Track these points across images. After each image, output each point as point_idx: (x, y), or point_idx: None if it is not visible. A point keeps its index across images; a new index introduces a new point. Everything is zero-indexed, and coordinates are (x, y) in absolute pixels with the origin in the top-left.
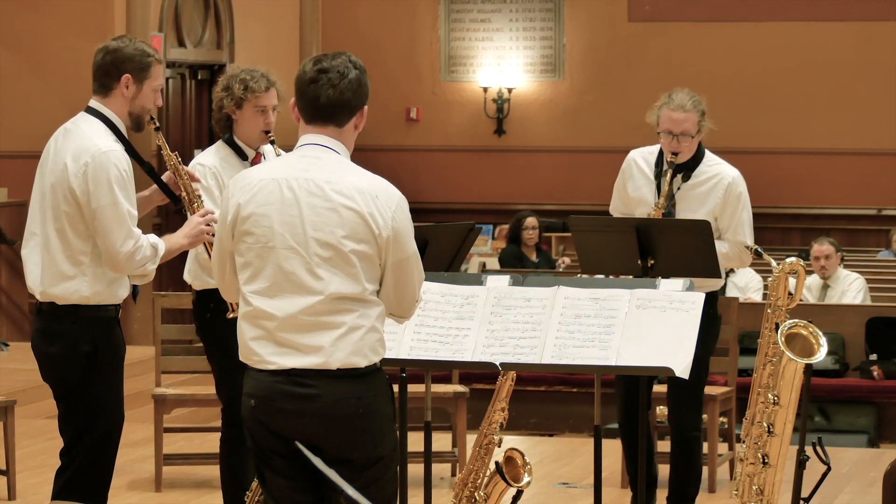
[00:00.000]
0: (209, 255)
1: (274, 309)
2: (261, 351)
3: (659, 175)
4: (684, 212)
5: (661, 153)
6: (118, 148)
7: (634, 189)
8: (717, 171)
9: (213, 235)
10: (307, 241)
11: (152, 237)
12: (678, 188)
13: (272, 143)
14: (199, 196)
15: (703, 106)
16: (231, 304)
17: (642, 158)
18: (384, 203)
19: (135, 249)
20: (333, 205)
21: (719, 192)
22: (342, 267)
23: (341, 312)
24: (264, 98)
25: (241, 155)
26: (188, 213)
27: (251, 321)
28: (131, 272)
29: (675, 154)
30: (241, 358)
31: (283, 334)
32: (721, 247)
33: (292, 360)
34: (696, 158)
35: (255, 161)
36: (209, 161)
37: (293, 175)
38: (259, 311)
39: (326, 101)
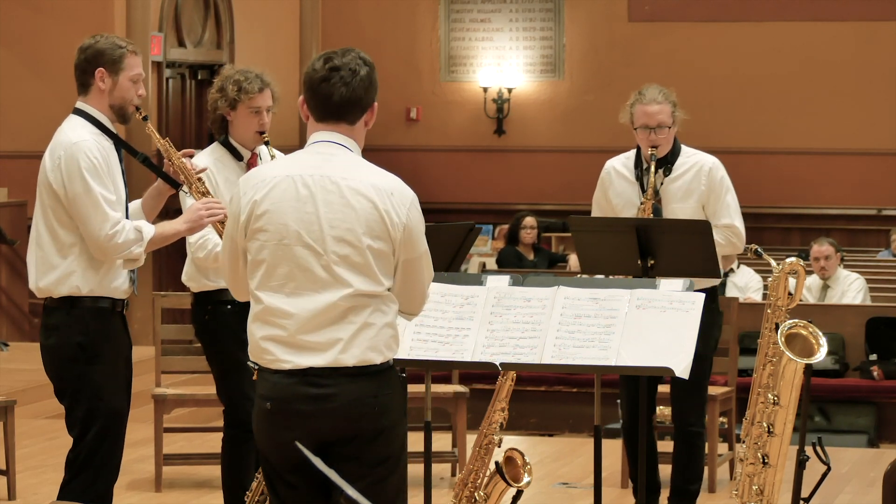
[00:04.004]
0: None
1: (289, 306)
2: (274, 350)
3: (640, 176)
4: (671, 204)
5: (638, 154)
6: (89, 138)
7: (617, 195)
8: (696, 160)
9: (220, 220)
10: (324, 238)
11: (137, 221)
12: (661, 183)
13: (267, 143)
14: (199, 179)
15: (673, 97)
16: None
17: (621, 164)
18: (399, 200)
19: (114, 232)
20: (350, 201)
21: (702, 179)
22: (359, 264)
23: (358, 309)
24: (258, 99)
25: (237, 156)
26: (194, 197)
27: (262, 320)
28: (118, 256)
29: (654, 148)
30: (251, 357)
31: (299, 332)
32: (714, 235)
33: (308, 360)
34: (674, 153)
35: (251, 162)
36: (203, 162)
37: (308, 172)
38: (272, 308)
39: (339, 100)
